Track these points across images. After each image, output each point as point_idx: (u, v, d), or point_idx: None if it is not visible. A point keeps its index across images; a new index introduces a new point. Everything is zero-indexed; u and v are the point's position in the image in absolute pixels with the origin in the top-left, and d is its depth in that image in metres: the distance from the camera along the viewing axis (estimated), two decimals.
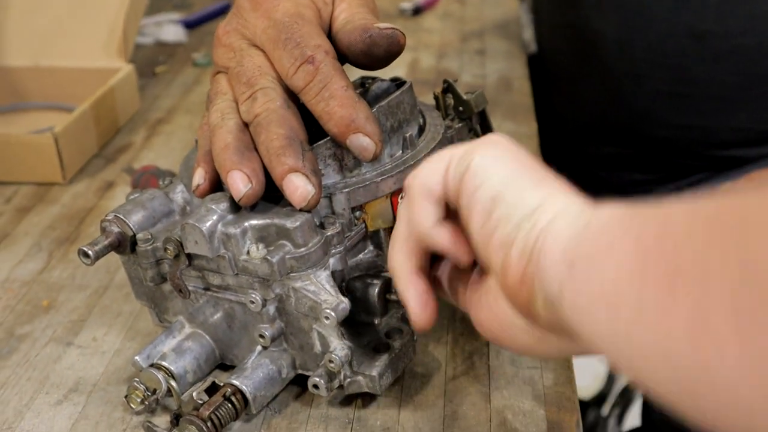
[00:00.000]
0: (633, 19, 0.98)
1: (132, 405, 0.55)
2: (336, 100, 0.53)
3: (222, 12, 1.39)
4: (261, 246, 0.52)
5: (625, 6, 0.99)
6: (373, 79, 0.64)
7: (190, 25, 1.33)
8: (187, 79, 1.14)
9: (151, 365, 0.56)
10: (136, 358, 0.57)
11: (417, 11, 1.34)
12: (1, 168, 0.87)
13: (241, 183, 0.52)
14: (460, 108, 0.64)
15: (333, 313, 0.51)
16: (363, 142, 0.53)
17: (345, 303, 0.52)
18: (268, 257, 0.51)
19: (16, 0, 1.06)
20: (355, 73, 0.61)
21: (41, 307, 0.68)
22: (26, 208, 0.83)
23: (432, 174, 0.46)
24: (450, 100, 0.65)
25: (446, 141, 0.61)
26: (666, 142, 1.03)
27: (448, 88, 0.65)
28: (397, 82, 0.63)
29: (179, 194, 0.59)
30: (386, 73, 0.63)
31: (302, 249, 0.52)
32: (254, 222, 0.53)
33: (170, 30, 1.29)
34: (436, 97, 0.65)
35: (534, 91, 1.06)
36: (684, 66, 0.97)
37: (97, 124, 0.93)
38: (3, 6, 1.06)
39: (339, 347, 0.52)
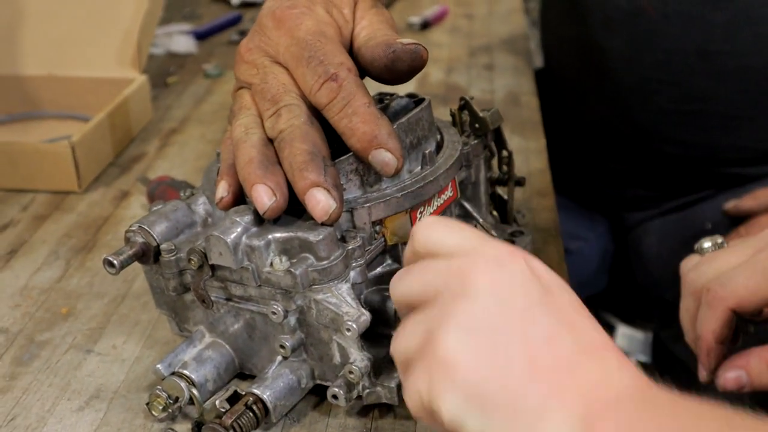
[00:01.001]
0: (641, 37, 1.00)
1: (154, 412, 0.56)
2: (359, 117, 0.54)
3: (231, 24, 1.41)
4: (284, 258, 0.54)
5: (633, 23, 1.00)
6: (391, 94, 0.66)
7: (199, 36, 1.35)
8: (199, 89, 1.15)
9: (173, 373, 0.57)
10: (158, 366, 0.58)
11: (425, 25, 1.35)
12: (17, 176, 0.88)
13: (265, 196, 0.53)
14: (476, 125, 0.66)
15: (354, 325, 0.52)
16: (385, 157, 0.54)
17: (366, 315, 0.53)
18: (292, 269, 0.53)
19: (32, 10, 1.07)
20: (372, 89, 0.62)
21: (60, 315, 0.69)
22: (43, 216, 0.84)
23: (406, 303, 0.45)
24: (466, 117, 0.66)
25: (463, 158, 0.63)
26: (671, 159, 1.05)
27: (465, 105, 0.66)
28: (415, 99, 0.64)
29: (201, 206, 0.61)
30: (396, 88, 0.64)
31: (324, 262, 0.53)
32: (278, 235, 0.54)
33: (181, 41, 1.30)
34: (452, 114, 0.66)
35: (541, 106, 1.07)
36: (691, 84, 0.99)
37: (113, 133, 0.94)
38: (19, 16, 1.07)
39: (359, 358, 0.54)
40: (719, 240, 0.65)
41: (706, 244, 0.65)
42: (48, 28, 1.07)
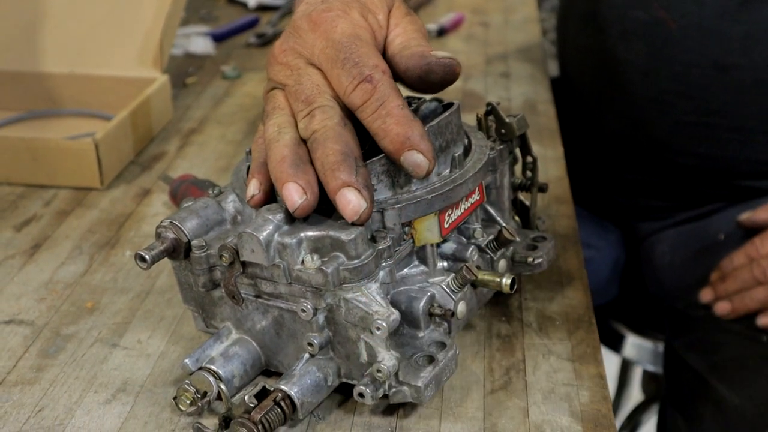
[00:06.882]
0: (658, 49, 1.01)
1: (181, 407, 0.57)
2: (392, 118, 0.55)
3: (248, 26, 1.42)
4: (315, 257, 0.54)
5: (650, 36, 1.01)
6: (419, 98, 0.67)
7: (217, 38, 1.36)
8: (217, 90, 1.16)
9: (200, 368, 0.58)
10: (186, 360, 0.58)
11: (441, 32, 1.36)
12: (40, 172, 0.89)
13: (296, 194, 0.54)
14: (502, 130, 0.66)
15: (384, 324, 0.53)
16: (417, 158, 0.55)
17: (396, 314, 0.53)
18: (323, 267, 0.53)
19: (54, 8, 1.08)
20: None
21: (85, 309, 0.70)
22: (65, 212, 0.85)
23: None
24: (492, 123, 0.67)
25: (490, 162, 0.63)
26: (686, 171, 1.06)
27: (491, 110, 0.67)
28: (444, 103, 0.65)
29: (231, 203, 0.61)
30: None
31: (355, 261, 0.54)
32: (309, 233, 0.54)
33: (199, 42, 1.31)
34: (478, 119, 0.67)
35: (557, 114, 1.08)
36: (707, 97, 0.99)
37: (134, 132, 0.95)
38: (41, 14, 1.08)
39: (387, 358, 0.54)
40: None
41: None
42: (70, 26, 1.08)
